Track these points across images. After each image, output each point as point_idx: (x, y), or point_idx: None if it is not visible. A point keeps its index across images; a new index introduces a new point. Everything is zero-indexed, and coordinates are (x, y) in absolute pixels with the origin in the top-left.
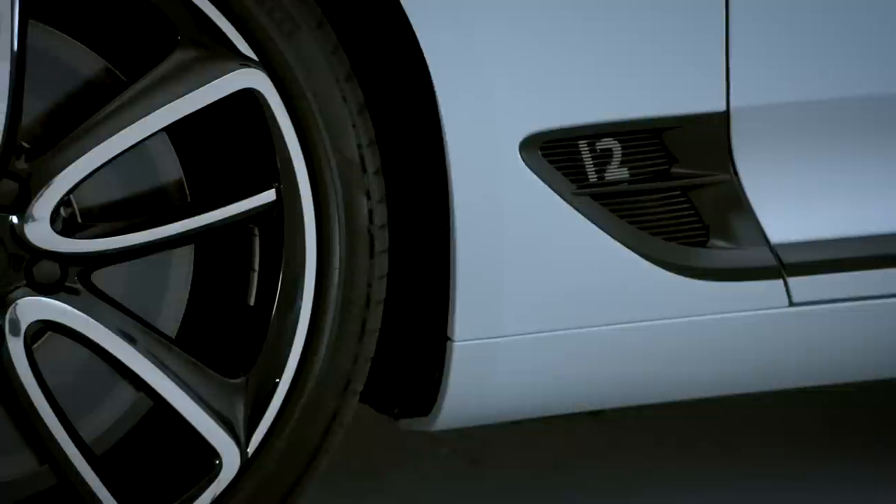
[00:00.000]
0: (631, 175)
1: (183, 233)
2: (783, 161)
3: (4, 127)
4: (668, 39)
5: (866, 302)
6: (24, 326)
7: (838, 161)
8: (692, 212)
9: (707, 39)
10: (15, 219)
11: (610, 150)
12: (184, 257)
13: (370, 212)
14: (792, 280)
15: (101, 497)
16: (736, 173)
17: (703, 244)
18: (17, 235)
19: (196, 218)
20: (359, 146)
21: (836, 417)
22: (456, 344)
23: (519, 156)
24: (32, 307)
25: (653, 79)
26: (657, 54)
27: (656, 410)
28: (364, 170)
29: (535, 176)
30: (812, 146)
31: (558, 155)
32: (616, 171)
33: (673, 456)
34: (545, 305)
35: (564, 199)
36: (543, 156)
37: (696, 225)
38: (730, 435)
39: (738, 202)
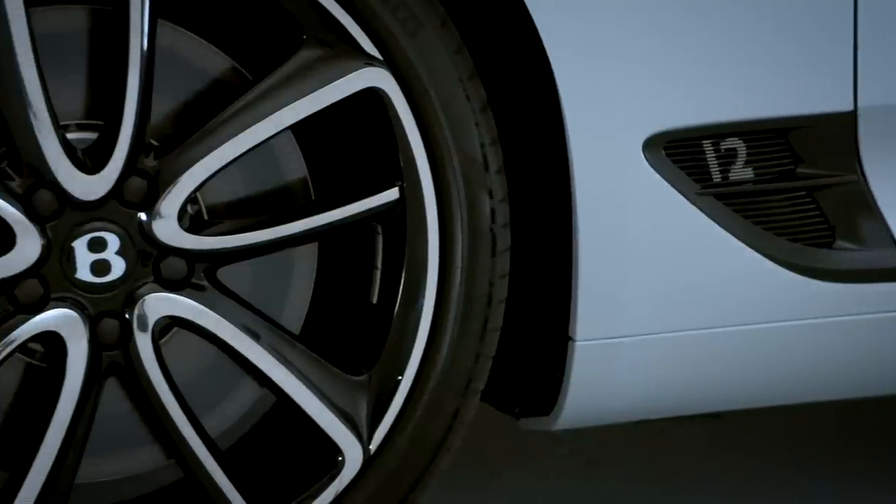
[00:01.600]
0: (756, 175)
1: (307, 230)
2: None
3: (134, 125)
4: (795, 39)
5: None
6: (151, 322)
7: None
8: (818, 212)
9: (835, 39)
10: (143, 216)
11: (735, 149)
12: (308, 255)
13: (492, 210)
14: None
15: (225, 491)
16: (863, 174)
17: (829, 245)
18: (146, 232)
19: (320, 216)
20: (481, 145)
21: None
22: (577, 344)
23: (642, 155)
24: (160, 303)
25: (779, 78)
26: (784, 54)
27: (775, 413)
28: (486, 168)
29: (658, 175)
30: None
31: (682, 154)
32: (741, 171)
33: (792, 459)
34: (667, 306)
35: (688, 199)
36: (667, 155)
37: (822, 226)
38: (846, 437)
39: (864, 203)
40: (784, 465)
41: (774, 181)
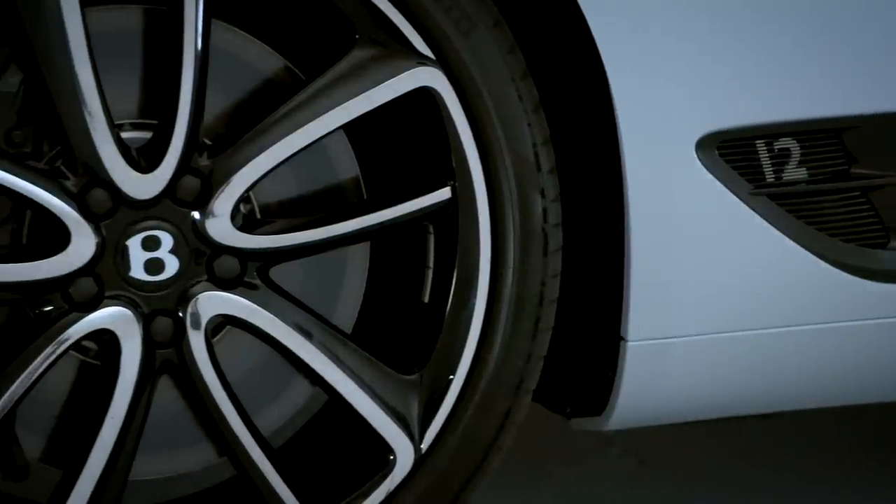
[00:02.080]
0: (809, 175)
1: (359, 230)
2: None
3: (188, 125)
4: (848, 38)
5: None
6: (204, 321)
7: None
8: (872, 213)
9: (889, 37)
10: (197, 214)
11: (788, 149)
12: (360, 254)
13: (545, 210)
14: None
15: (277, 489)
16: None
17: (883, 245)
18: (199, 231)
19: (372, 215)
20: (534, 145)
21: None
22: (629, 344)
23: (695, 155)
24: (213, 301)
25: (833, 78)
26: (837, 53)
27: (827, 413)
28: (539, 168)
29: (711, 176)
30: None
31: (735, 154)
32: (794, 171)
33: (844, 460)
34: (720, 306)
35: (741, 199)
36: (720, 155)
37: (876, 226)
38: None
39: None
40: (839, 467)
41: (828, 181)
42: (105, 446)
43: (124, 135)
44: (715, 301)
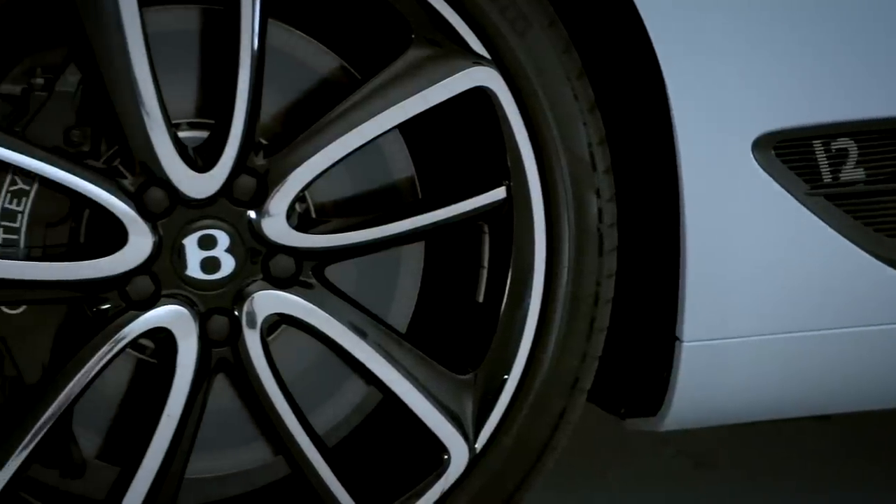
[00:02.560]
0: (867, 175)
1: (414, 229)
2: None
3: (244, 124)
4: None
5: None
6: (260, 319)
7: None
8: None
9: None
10: (253, 214)
11: (846, 149)
12: (414, 253)
13: (600, 210)
14: None
15: (332, 488)
16: None
17: None
18: (255, 230)
19: (427, 215)
20: (589, 144)
21: None
22: (685, 344)
23: (751, 155)
24: (268, 300)
25: (891, 78)
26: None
27: (884, 415)
28: (594, 168)
29: (767, 176)
30: None
31: (792, 155)
32: (851, 172)
33: None
34: (776, 307)
35: (798, 200)
36: (777, 156)
37: None
38: None
39: None
40: None
41: (886, 182)
42: (161, 444)
43: (181, 134)
44: (771, 301)
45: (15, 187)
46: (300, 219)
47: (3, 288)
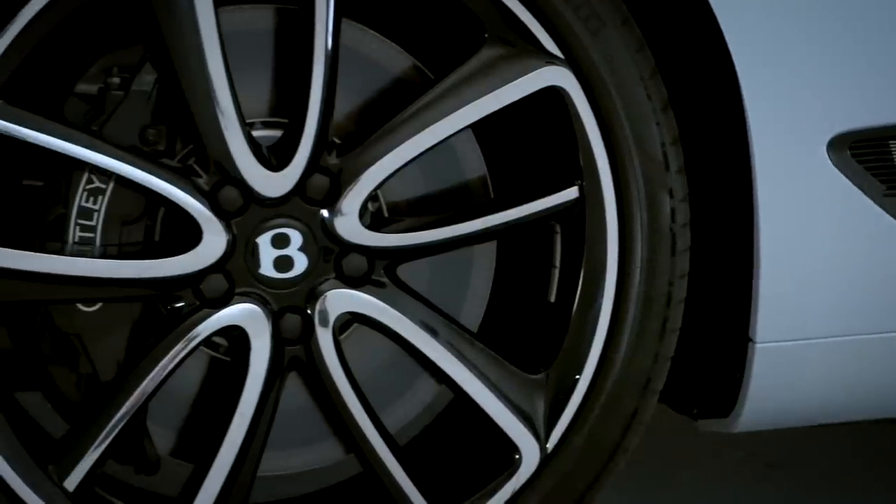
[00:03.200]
0: None
1: (486, 229)
2: None
3: (317, 123)
4: None
5: None
6: (332, 318)
7: None
8: None
9: None
10: (325, 213)
11: None
12: (486, 253)
13: (673, 210)
14: None
15: (404, 487)
16: None
17: None
18: (328, 229)
19: (499, 214)
20: (662, 144)
21: None
22: (758, 345)
23: (826, 156)
24: (341, 299)
25: None
26: None
27: None
28: (667, 168)
29: (843, 176)
30: None
31: (868, 155)
32: None
33: None
34: (850, 308)
35: (874, 201)
36: (852, 156)
37: None
38: None
39: None
40: None
41: None
42: (234, 442)
43: (255, 133)
44: (846, 303)
45: (91, 186)
46: (372, 218)
47: (78, 286)
